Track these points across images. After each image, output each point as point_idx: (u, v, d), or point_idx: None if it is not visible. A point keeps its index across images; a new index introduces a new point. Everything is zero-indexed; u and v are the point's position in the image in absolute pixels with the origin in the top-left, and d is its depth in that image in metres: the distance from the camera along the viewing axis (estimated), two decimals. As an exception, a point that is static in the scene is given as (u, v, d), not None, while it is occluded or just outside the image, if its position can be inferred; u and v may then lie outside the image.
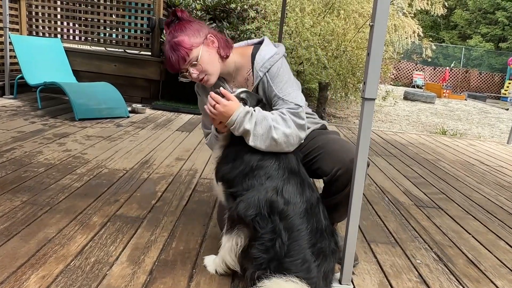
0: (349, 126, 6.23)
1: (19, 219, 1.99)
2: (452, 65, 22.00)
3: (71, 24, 6.17)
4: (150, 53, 5.99)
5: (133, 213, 2.21)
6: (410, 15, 9.14)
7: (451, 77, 20.54)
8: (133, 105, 5.17)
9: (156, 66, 5.75)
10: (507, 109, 14.32)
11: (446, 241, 2.31)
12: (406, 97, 14.08)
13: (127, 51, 6.13)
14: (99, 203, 2.28)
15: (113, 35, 6.28)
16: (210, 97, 1.58)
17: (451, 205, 2.93)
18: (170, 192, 2.58)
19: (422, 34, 10.14)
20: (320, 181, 1.79)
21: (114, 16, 6.15)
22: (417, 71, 21.12)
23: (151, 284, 1.58)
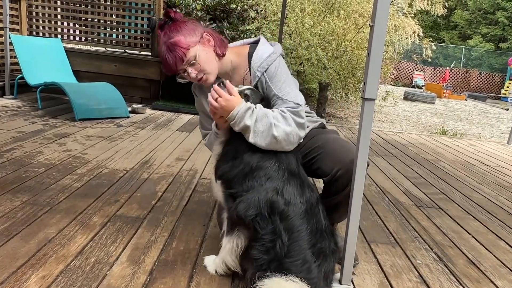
0: (349, 126, 6.23)
1: (19, 219, 1.99)
2: (452, 65, 21.99)
3: (71, 24, 6.17)
4: (150, 53, 6.00)
5: (133, 213, 2.21)
6: (410, 15, 9.13)
7: (451, 77, 20.53)
8: (133, 105, 5.17)
9: (156, 66, 5.75)
10: (507, 109, 14.31)
11: (446, 241, 2.31)
12: (406, 97, 14.06)
13: (127, 51, 6.14)
14: (99, 203, 2.29)
15: (113, 35, 6.28)
16: (213, 89, 1.57)
17: (451, 205, 2.93)
18: (170, 192, 2.58)
19: (422, 34, 10.12)
20: (320, 181, 1.79)
21: (114, 16, 6.15)
22: (417, 71, 21.11)
23: (151, 284, 1.58)
